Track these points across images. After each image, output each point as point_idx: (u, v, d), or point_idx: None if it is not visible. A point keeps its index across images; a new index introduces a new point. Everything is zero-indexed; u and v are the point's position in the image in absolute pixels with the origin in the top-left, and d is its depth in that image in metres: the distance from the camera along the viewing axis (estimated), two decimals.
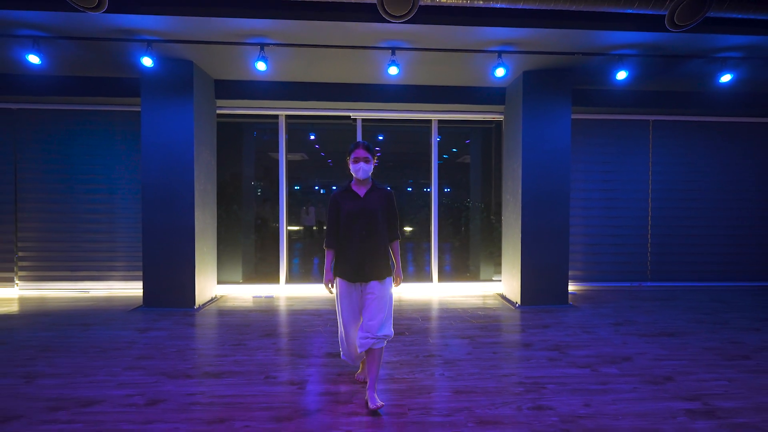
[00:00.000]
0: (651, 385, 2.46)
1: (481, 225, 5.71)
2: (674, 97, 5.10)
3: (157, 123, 4.19)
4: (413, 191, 5.93)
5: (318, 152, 5.90)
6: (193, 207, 4.25)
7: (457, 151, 5.95)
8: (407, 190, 5.99)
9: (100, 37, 3.57)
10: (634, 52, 3.88)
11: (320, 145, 5.90)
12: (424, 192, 5.57)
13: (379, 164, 5.30)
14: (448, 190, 5.72)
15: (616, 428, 1.98)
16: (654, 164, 5.42)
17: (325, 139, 5.94)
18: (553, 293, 4.46)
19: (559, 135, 4.40)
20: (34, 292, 4.98)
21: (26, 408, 2.15)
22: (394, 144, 6.07)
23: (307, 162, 5.79)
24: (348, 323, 2.26)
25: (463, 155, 5.96)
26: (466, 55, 3.96)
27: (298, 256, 5.76)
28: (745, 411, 2.16)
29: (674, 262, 5.46)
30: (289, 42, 3.70)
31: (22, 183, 4.97)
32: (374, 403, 2.10)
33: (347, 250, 2.21)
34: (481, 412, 2.14)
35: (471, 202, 5.77)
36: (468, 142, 5.94)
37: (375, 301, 2.19)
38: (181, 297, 4.25)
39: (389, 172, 5.94)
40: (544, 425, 2.00)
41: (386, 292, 2.22)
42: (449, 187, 5.73)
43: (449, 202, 5.69)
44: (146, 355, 2.93)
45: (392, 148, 6.02)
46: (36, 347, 3.08)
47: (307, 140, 5.77)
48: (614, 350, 3.06)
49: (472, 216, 5.74)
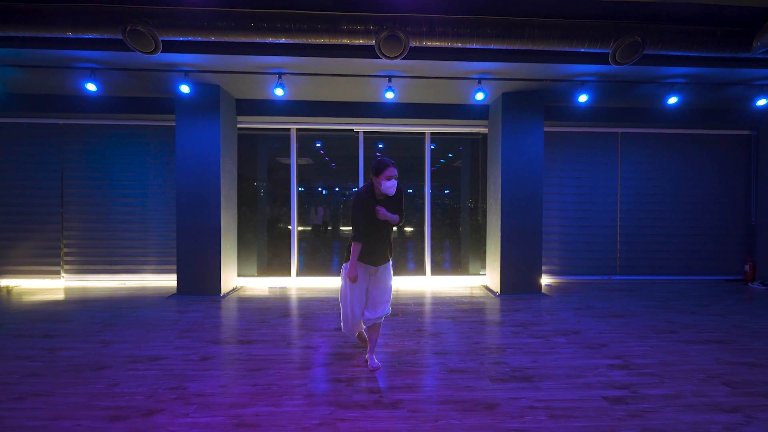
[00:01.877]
0: (588, 350, 3.16)
1: (470, 225, 6.41)
2: (638, 112, 5.79)
3: (189, 137, 4.92)
4: (409, 195, 6.63)
5: (322, 157, 6.59)
6: (220, 209, 4.97)
7: (452, 156, 6.65)
8: (410, 190, 6.70)
9: (145, 68, 4.30)
10: (593, 79, 4.58)
11: (325, 151, 6.60)
12: (419, 195, 6.27)
13: None
14: (447, 192, 6.43)
15: (551, 375, 2.68)
16: (623, 171, 6.11)
17: (329, 146, 6.64)
18: (528, 284, 5.16)
19: (534, 147, 5.10)
20: (77, 283, 5.72)
21: (112, 361, 2.87)
22: (392, 150, 6.76)
23: (312, 166, 6.49)
24: (357, 303, 2.83)
25: (456, 160, 6.66)
26: (452, 81, 4.67)
27: (304, 252, 6.47)
28: (653, 365, 2.85)
29: (640, 258, 6.15)
30: (303, 72, 4.42)
31: (68, 188, 5.70)
32: (373, 364, 2.78)
33: (372, 241, 2.75)
34: (452, 365, 2.85)
35: (461, 205, 6.47)
36: (461, 149, 6.65)
37: (383, 284, 2.83)
38: (209, 286, 4.97)
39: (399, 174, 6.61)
40: (498, 373, 2.71)
41: (390, 275, 2.90)
42: (443, 189, 6.43)
43: (442, 203, 6.40)
44: (190, 329, 3.65)
45: (390, 154, 6.72)
46: (100, 323, 3.80)
47: (313, 147, 6.48)
48: (568, 327, 3.76)
49: (462, 217, 6.44)
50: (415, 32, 3.57)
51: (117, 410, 2.18)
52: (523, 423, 2.08)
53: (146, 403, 2.27)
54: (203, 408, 2.22)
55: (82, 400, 2.29)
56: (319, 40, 3.63)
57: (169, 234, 5.71)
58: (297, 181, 6.04)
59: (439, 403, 2.29)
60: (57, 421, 2.07)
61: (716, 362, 2.91)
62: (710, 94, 5.09)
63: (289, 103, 5.49)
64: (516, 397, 2.36)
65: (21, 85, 4.92)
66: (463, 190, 6.49)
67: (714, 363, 2.89)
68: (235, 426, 2.03)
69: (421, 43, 3.68)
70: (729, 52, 3.83)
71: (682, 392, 2.44)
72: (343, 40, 3.63)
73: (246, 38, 3.58)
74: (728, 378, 2.64)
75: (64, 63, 4.19)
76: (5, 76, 4.53)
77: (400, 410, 2.21)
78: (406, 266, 6.37)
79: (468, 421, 2.10)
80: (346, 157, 6.65)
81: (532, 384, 2.54)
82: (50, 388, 2.45)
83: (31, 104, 5.25)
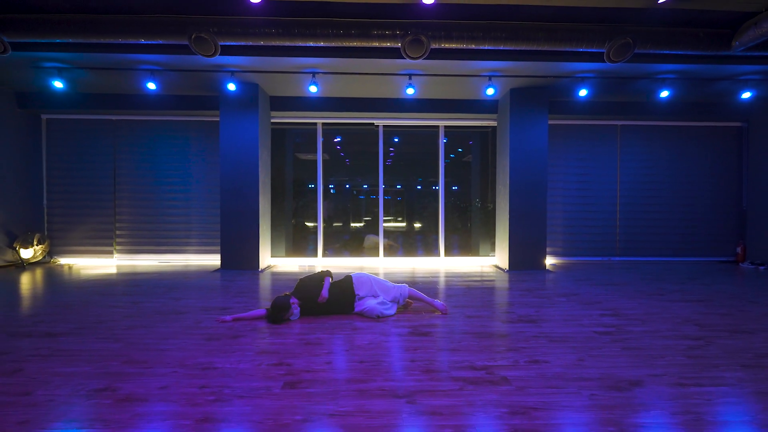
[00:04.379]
0: (584, 305, 3.71)
1: (481, 212, 6.97)
2: (636, 106, 6.30)
3: (231, 131, 5.56)
4: (422, 187, 7.21)
5: (338, 152, 7.12)
6: (258, 195, 5.60)
7: (462, 151, 7.21)
8: (417, 188, 7.26)
9: (199, 69, 4.94)
10: (592, 75, 5.12)
11: (342, 146, 7.14)
12: (433, 188, 6.85)
13: (393, 164, 6.59)
14: (455, 189, 7.00)
15: (551, 319, 3.24)
16: (622, 160, 6.62)
17: (347, 141, 7.18)
18: (534, 261, 5.71)
19: (539, 137, 5.65)
20: (127, 261, 6.40)
21: (188, 309, 3.50)
22: (407, 146, 7.30)
23: (327, 162, 7.07)
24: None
25: (467, 155, 7.22)
26: (465, 78, 5.24)
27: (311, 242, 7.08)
28: (638, 314, 3.40)
29: (638, 241, 6.66)
30: (334, 71, 5.03)
31: (119, 178, 6.38)
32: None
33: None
34: (469, 313, 3.43)
35: (472, 193, 7.04)
36: (471, 144, 7.21)
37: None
38: (249, 262, 5.60)
39: (402, 170, 7.15)
40: (507, 318, 3.28)
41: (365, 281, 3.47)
42: (455, 183, 7.00)
43: (454, 192, 6.97)
44: (242, 291, 4.27)
45: (405, 149, 7.24)
46: (164, 287, 4.45)
47: (329, 142, 6.97)
48: (568, 291, 4.31)
49: (473, 205, 7.00)
50: (435, 36, 4.16)
51: (209, 335, 2.80)
52: (528, 344, 2.65)
53: (230, 332, 2.88)
54: (275, 335, 2.83)
55: (179, 330, 2.91)
56: (351, 44, 4.23)
57: (210, 218, 6.36)
58: (308, 177, 6.63)
59: (460, 333, 2.87)
60: (166, 340, 2.69)
61: (693, 313, 3.44)
62: (700, 88, 5.60)
63: (317, 99, 6.11)
64: (522, 331, 2.93)
65: (85, 85, 5.60)
66: (474, 180, 7.05)
67: (691, 313, 3.43)
68: (303, 344, 2.64)
69: (440, 45, 4.26)
70: (712, 50, 4.35)
71: (659, 330, 2.99)
72: (373, 43, 4.23)
73: (289, 42, 4.19)
74: (700, 321, 3.18)
75: (129, 66, 4.85)
76: (76, 77, 5.21)
77: (429, 337, 2.79)
78: (421, 248, 6.95)
79: (484, 342, 2.67)
80: (361, 152, 7.23)
81: (535, 324, 3.10)
82: (149, 323, 3.08)
83: (91, 102, 5.94)
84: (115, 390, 1.96)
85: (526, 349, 2.56)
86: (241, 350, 2.50)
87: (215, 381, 2.06)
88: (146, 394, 1.91)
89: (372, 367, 2.25)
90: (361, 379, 2.08)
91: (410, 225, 7.28)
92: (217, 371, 2.18)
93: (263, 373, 2.16)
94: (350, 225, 7.21)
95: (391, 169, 6.77)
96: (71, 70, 4.96)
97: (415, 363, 2.31)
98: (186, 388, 1.97)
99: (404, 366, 2.27)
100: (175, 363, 2.29)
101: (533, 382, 2.07)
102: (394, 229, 7.23)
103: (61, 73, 4.94)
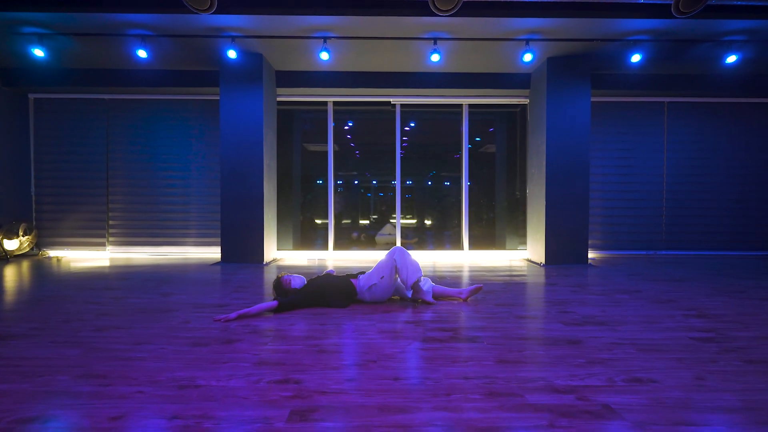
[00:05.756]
0: (656, 303, 3.04)
1: (507, 202, 6.30)
2: (686, 80, 5.56)
3: (232, 107, 4.97)
4: (433, 183, 6.55)
5: (348, 142, 6.43)
6: (262, 180, 5.01)
7: (480, 140, 6.51)
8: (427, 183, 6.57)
9: (194, 34, 4.36)
10: (646, 38, 4.41)
11: (353, 136, 6.46)
12: (444, 183, 6.23)
13: (404, 156, 5.91)
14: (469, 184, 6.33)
15: (625, 321, 2.58)
16: (669, 142, 5.89)
17: (359, 131, 6.50)
18: (574, 255, 5.03)
19: (580, 112, 4.96)
20: (122, 254, 5.86)
21: (178, 307, 2.91)
22: (420, 135, 6.51)
23: (337, 154, 6.40)
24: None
25: (485, 144, 6.52)
26: (497, 44, 4.58)
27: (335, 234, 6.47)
28: (731, 315, 2.72)
29: (687, 233, 5.92)
30: (348, 35, 4.40)
31: (113, 163, 5.85)
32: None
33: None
34: (518, 313, 2.78)
35: (497, 182, 6.36)
36: (492, 130, 6.52)
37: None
38: (253, 254, 5.01)
39: (414, 164, 6.39)
40: (568, 319, 2.63)
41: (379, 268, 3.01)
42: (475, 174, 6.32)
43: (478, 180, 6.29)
44: (243, 285, 3.68)
45: (418, 139, 6.50)
46: (156, 280, 3.88)
47: (339, 132, 6.28)
48: (627, 287, 3.64)
49: (498, 194, 6.33)
50: None
51: (196, 339, 2.20)
52: (612, 353, 2.00)
53: (223, 334, 2.28)
54: (280, 338, 2.22)
55: (160, 332, 2.32)
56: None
57: (211, 207, 5.79)
58: (317, 170, 6.01)
59: (518, 339, 2.23)
60: (141, 345, 2.10)
61: None
62: None
63: (328, 74, 5.49)
64: (595, 335, 2.28)
65: (72, 58, 5.05)
66: (499, 167, 6.38)
67: None
68: (315, 351, 2.02)
69: None
70: None
71: None
72: None
73: None
74: None
75: (117, 30, 4.28)
76: (59, 47, 4.66)
77: (479, 343, 2.15)
78: (443, 242, 6.31)
79: (554, 351, 2.03)
80: (375, 143, 6.58)
81: (609, 327, 2.45)
82: (127, 323, 2.50)
83: (80, 78, 5.40)
84: (46, 422, 1.36)
85: (613, 361, 1.91)
86: (235, 360, 1.90)
87: (193, 408, 1.45)
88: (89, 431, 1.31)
89: (412, 388, 1.62)
90: (401, 407, 1.46)
91: (421, 222, 6.62)
92: (199, 392, 1.57)
93: (262, 395, 1.54)
94: (359, 222, 6.60)
95: (402, 162, 6.05)
96: (53, 37, 4.40)
97: (471, 381, 1.68)
98: (149, 420, 1.37)
99: (457, 386, 1.64)
100: (145, 378, 1.69)
101: (651, 414, 1.42)
102: (405, 226, 6.57)
103: (42, 41, 4.39)
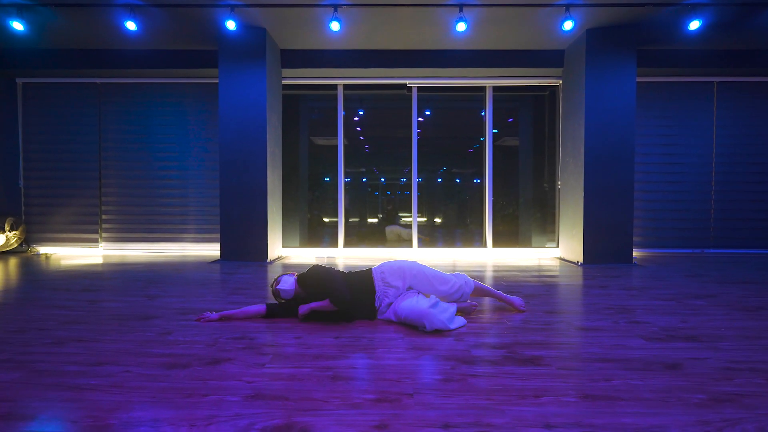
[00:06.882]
0: (743, 312, 2.47)
1: (533, 196, 5.72)
2: (740, 56, 4.93)
3: (233, 88, 4.48)
4: (452, 177, 5.98)
5: (357, 135, 5.85)
6: (266, 168, 4.51)
7: (497, 131, 5.88)
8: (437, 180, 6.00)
9: (188, 3, 3.87)
10: (707, 1, 3.81)
11: (362, 128, 5.89)
12: (463, 175, 5.66)
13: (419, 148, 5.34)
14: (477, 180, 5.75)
15: (719, 335, 2.02)
16: (718, 127, 5.26)
17: (370, 121, 5.90)
18: (616, 253, 4.44)
19: (624, 92, 4.37)
20: (115, 251, 5.42)
21: (161, 313, 2.42)
22: (436, 129, 5.92)
23: (346, 147, 5.79)
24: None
25: (502, 137, 5.88)
26: (531, 11, 4.01)
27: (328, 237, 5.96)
28: None
29: (739, 229, 5.29)
30: (361, 2, 3.87)
31: (105, 152, 5.41)
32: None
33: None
34: (576, 321, 2.24)
35: (520, 175, 5.77)
36: (510, 121, 5.90)
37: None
38: (255, 251, 4.53)
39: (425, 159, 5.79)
40: (647, 332, 2.07)
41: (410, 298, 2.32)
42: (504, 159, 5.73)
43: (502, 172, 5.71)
44: (242, 287, 3.18)
45: (434, 132, 5.92)
46: (144, 280, 3.40)
47: (349, 123, 5.72)
48: (694, 291, 3.06)
49: (522, 188, 5.75)
50: None
51: (174, 358, 1.70)
52: (736, 386, 1.45)
53: (209, 351, 1.77)
54: (280, 358, 1.70)
55: (130, 347, 1.82)
56: None
57: (210, 201, 5.32)
58: (325, 166, 5.47)
59: (595, 360, 1.69)
60: (101, 366, 1.60)
61: None
62: None
63: (338, 53, 4.97)
64: (696, 357, 1.72)
65: (58, 37, 4.61)
66: (522, 159, 5.80)
67: None
68: (329, 379, 1.50)
69: None
70: None
71: None
72: None
73: None
74: None
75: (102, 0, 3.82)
76: (41, 21, 4.21)
77: (545, 367, 1.61)
78: (463, 239, 5.76)
79: (652, 381, 1.48)
80: (387, 137, 6.03)
81: (705, 344, 1.89)
82: (92, 335, 2.01)
83: (69, 60, 4.96)
84: None
85: (744, 397, 1.35)
86: (220, 390, 1.39)
87: None
88: None
89: None
90: None
91: (431, 220, 6.04)
92: None
93: None
94: (367, 220, 6.08)
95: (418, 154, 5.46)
96: (33, 9, 3.95)
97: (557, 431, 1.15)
98: None
99: None
100: (87, 425, 1.18)
101: None
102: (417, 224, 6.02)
103: (21, 13, 3.95)
